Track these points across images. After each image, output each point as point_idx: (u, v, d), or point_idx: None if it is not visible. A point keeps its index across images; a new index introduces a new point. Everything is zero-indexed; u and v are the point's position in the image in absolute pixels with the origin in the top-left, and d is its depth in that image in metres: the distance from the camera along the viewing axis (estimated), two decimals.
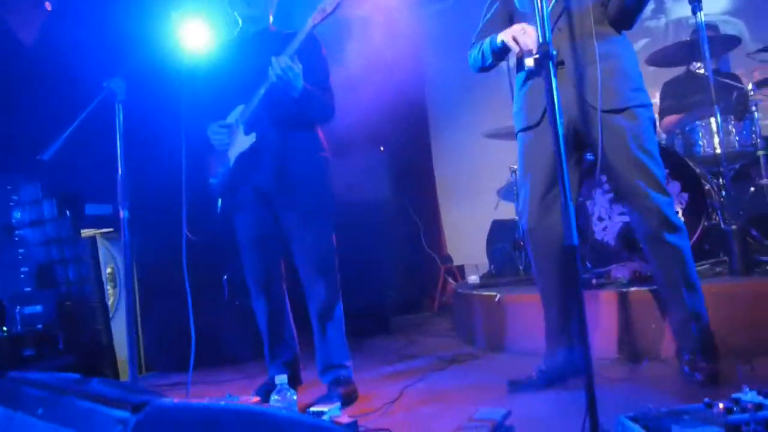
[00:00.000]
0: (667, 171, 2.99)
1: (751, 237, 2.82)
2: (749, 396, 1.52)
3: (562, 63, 2.07)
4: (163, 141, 2.72)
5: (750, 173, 3.35)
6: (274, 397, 1.74)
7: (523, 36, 2.00)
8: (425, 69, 5.44)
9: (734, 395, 1.56)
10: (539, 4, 1.49)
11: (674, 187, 2.99)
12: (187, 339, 2.09)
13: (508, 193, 4.43)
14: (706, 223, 2.89)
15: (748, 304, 2.35)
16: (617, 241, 3.13)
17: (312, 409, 2.01)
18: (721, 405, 1.47)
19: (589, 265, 3.28)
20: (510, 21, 2.24)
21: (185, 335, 2.10)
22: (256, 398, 2.19)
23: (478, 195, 5.22)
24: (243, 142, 2.33)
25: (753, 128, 3.13)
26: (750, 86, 3.16)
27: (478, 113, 5.22)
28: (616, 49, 2.09)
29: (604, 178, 3.12)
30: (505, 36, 2.06)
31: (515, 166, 4.34)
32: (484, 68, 2.31)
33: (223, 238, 2.70)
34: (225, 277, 3.53)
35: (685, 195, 2.98)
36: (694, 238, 2.80)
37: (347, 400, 2.26)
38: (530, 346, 2.82)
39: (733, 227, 2.56)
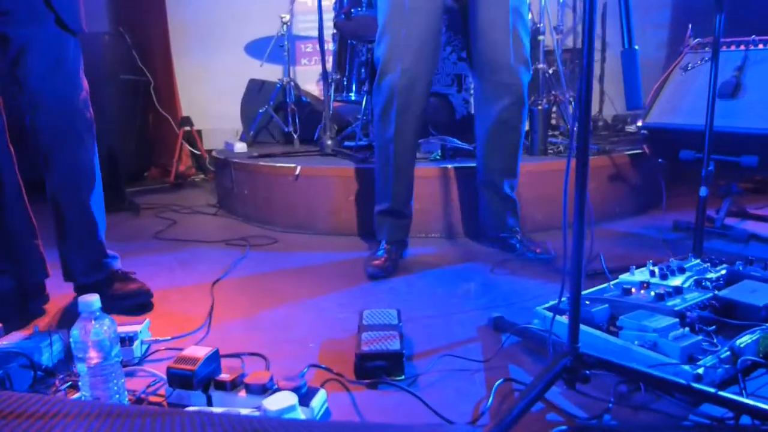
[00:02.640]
0: None
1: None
2: (639, 276, 1.53)
3: None
4: None
5: None
6: (75, 332, 1.03)
7: None
8: None
9: (624, 276, 1.57)
10: None
11: None
12: None
13: (276, 52, 3.78)
14: None
15: (545, 182, 2.46)
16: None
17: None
18: (632, 289, 1.43)
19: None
20: None
21: None
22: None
23: (226, 48, 4.40)
24: None
25: None
26: None
27: None
28: None
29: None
30: None
31: (287, 17, 3.72)
32: None
33: None
34: None
35: None
36: None
37: (142, 305, 1.64)
38: (330, 226, 2.53)
39: (539, 107, 2.60)
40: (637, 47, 0.93)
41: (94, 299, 1.05)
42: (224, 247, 2.36)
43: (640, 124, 2.46)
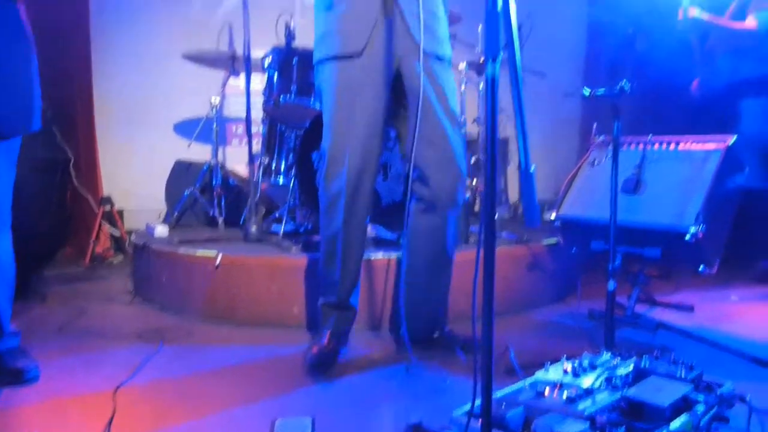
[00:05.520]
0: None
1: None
2: (553, 373, 1.55)
3: None
4: None
5: None
6: None
7: None
8: None
9: (539, 374, 1.58)
10: None
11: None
12: None
13: (207, 132, 3.78)
14: None
15: (467, 271, 2.51)
16: None
17: None
18: (546, 389, 1.44)
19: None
20: None
21: None
22: None
23: (153, 126, 4.36)
24: None
25: None
26: None
27: (173, 25, 4.31)
28: None
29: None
30: None
31: (216, 99, 3.75)
32: None
33: None
34: None
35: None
36: None
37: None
38: (252, 316, 2.46)
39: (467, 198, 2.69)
40: (533, 169, 0.99)
41: None
42: (135, 342, 2.22)
43: (553, 216, 2.59)
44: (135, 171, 4.37)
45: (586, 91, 1.89)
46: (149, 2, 4.32)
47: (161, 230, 3.19)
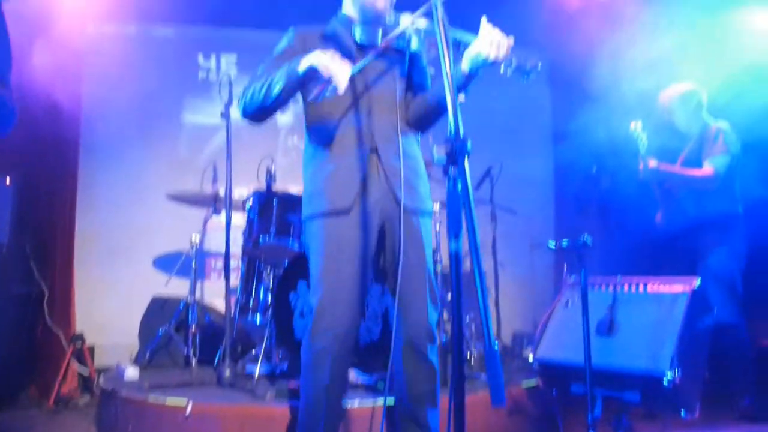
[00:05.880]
0: None
1: None
2: None
3: (375, 151, 1.94)
4: None
5: None
6: None
7: (336, 65, 1.71)
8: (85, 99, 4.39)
9: None
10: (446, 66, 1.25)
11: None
12: None
13: (187, 266, 3.80)
14: None
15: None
16: None
17: None
18: None
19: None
20: None
21: None
22: None
23: (133, 261, 4.37)
24: None
25: None
26: None
27: (159, 164, 4.49)
28: (415, 150, 2.04)
29: None
30: (316, 60, 1.73)
31: (197, 237, 3.81)
32: (265, 108, 1.89)
33: None
34: None
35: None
36: None
37: None
38: None
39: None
40: (496, 347, 1.02)
41: None
42: None
43: (531, 358, 2.58)
44: (111, 306, 4.31)
45: (551, 244, 1.98)
46: (137, 143, 4.52)
47: (132, 373, 3.08)
